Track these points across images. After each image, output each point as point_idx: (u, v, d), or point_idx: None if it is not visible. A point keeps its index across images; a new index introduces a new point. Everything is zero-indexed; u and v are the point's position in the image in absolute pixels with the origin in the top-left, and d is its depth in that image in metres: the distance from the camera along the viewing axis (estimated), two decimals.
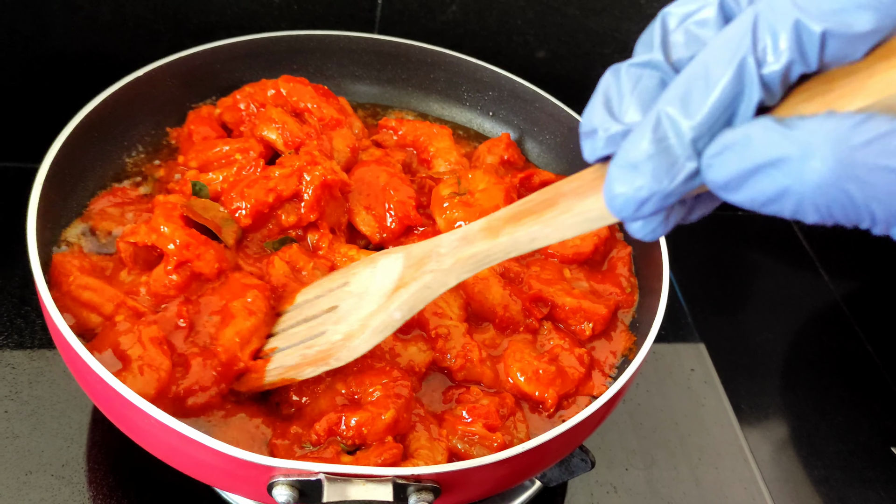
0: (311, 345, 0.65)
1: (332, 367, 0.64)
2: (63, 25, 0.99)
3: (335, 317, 0.65)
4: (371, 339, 0.63)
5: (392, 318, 0.62)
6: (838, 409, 1.10)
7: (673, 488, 0.92)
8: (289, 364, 0.66)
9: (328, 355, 0.64)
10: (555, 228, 0.51)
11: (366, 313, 0.63)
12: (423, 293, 0.60)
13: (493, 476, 0.63)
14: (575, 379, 0.75)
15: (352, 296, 0.65)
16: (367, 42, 1.00)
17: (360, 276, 0.66)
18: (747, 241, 1.37)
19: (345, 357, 0.64)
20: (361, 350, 0.63)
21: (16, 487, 0.76)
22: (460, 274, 0.58)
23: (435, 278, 0.59)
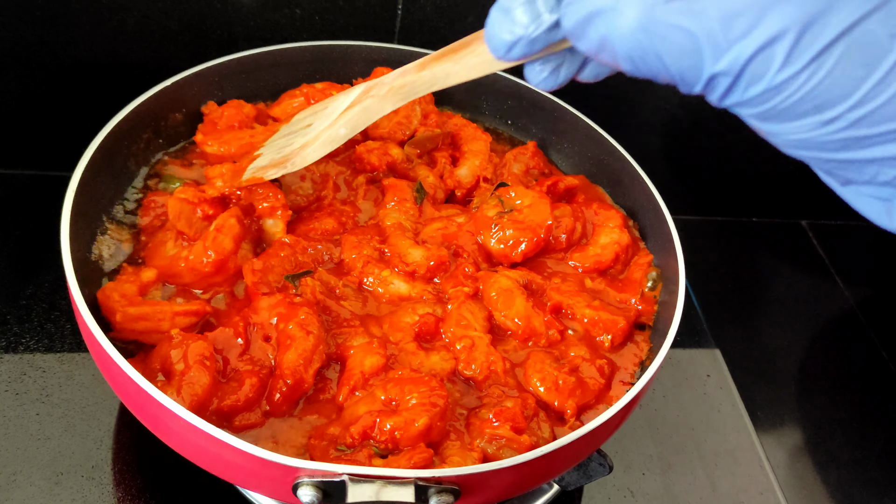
0: (280, 150, 0.77)
1: (288, 170, 0.75)
2: (90, 36, 1.01)
3: (305, 131, 0.77)
4: (320, 149, 0.73)
5: (338, 133, 0.72)
6: (853, 416, 1.11)
7: (689, 493, 0.93)
8: (259, 165, 0.77)
9: (286, 160, 0.75)
10: (463, 66, 0.59)
11: (321, 127, 0.74)
12: (364, 114, 0.70)
13: (512, 478, 0.64)
14: (595, 390, 0.76)
15: (323, 115, 0.76)
16: (389, 52, 1.01)
17: (337, 100, 0.76)
18: (762, 248, 1.37)
19: (299, 163, 0.74)
20: (311, 158, 0.73)
21: (47, 488, 0.78)
22: (394, 101, 0.68)
23: (373, 102, 0.69)
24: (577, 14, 0.42)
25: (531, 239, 0.83)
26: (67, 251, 0.68)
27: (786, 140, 0.42)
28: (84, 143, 0.77)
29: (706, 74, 0.39)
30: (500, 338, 0.79)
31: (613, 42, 0.41)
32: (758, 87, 0.39)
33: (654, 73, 0.41)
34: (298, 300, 0.74)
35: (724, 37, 0.38)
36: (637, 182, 0.92)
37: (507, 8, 0.46)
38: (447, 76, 0.61)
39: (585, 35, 0.43)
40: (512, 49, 0.47)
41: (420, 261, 0.81)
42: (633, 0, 0.39)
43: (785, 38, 0.37)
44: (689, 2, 0.38)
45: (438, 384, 0.70)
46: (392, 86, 0.67)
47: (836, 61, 0.37)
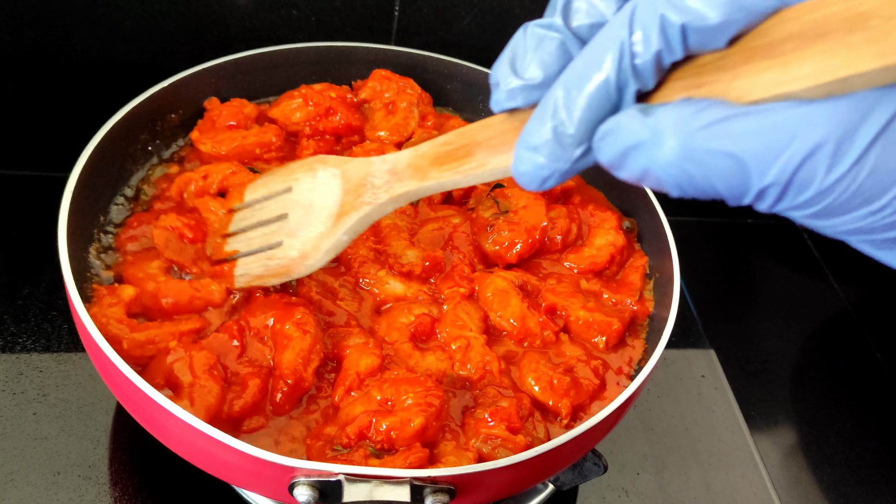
0: (272, 256, 0.73)
1: (291, 279, 0.74)
2: (86, 37, 1.02)
3: (287, 228, 0.73)
4: (323, 259, 0.71)
5: (340, 241, 0.70)
6: (847, 416, 1.11)
7: (683, 493, 0.94)
8: (255, 273, 0.74)
9: (289, 270, 0.72)
10: (472, 178, 0.58)
11: (316, 233, 0.71)
12: (364, 221, 0.69)
13: (507, 478, 0.64)
14: (589, 390, 0.76)
15: (298, 206, 0.73)
16: (385, 53, 1.02)
17: (301, 183, 0.73)
18: (757, 249, 1.38)
19: (302, 272, 0.72)
20: (315, 268, 0.72)
21: (45, 487, 0.78)
22: (395, 206, 0.67)
23: (374, 209, 0.67)
24: (613, 150, 0.43)
25: (526, 240, 0.83)
26: (65, 251, 0.68)
27: (838, 231, 0.44)
28: (81, 144, 0.78)
29: (755, 189, 0.41)
30: (495, 338, 0.80)
31: (657, 172, 0.42)
32: (807, 193, 0.40)
33: (703, 193, 0.42)
34: (294, 300, 0.75)
35: (768, 151, 0.39)
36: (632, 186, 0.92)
37: (533, 146, 0.46)
38: (454, 185, 0.60)
39: (625, 167, 0.44)
40: (545, 183, 0.47)
41: (415, 261, 0.81)
42: (672, 131, 0.41)
43: (825, 149, 0.39)
44: (727, 126, 0.40)
45: (434, 384, 0.71)
46: (391, 195, 0.65)
47: (877, 159, 0.39)
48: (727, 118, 0.40)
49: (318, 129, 0.92)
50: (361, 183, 0.68)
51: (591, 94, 0.43)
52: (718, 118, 0.40)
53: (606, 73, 0.42)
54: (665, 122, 0.41)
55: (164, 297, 0.73)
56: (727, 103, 0.40)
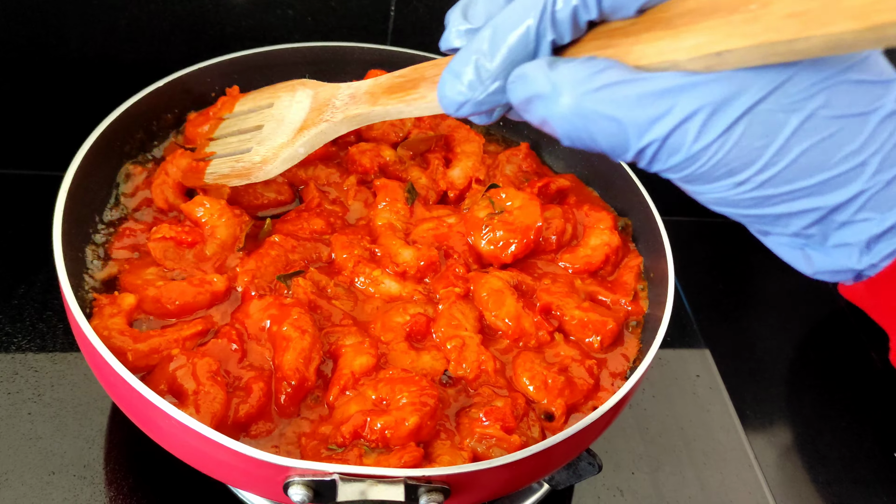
0: (239, 159, 0.79)
1: (251, 181, 0.78)
2: (81, 36, 1.02)
3: (259, 136, 0.79)
4: (280, 167, 0.76)
5: (297, 152, 0.75)
6: (842, 415, 1.12)
7: (678, 492, 0.94)
8: (222, 172, 0.80)
9: (249, 172, 0.78)
10: (415, 108, 0.63)
11: (278, 143, 0.77)
12: (320, 137, 0.75)
13: (501, 478, 0.65)
14: (584, 390, 0.76)
15: (273, 119, 0.79)
16: (381, 53, 1.02)
17: (282, 100, 0.80)
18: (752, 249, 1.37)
19: (261, 176, 0.77)
20: (272, 174, 0.77)
21: (39, 487, 0.78)
22: (348, 126, 0.73)
23: (329, 127, 0.73)
24: (520, 95, 0.48)
25: (521, 240, 0.83)
26: (60, 251, 0.68)
27: (707, 198, 0.49)
28: (76, 143, 0.78)
29: (633, 149, 0.46)
30: (490, 338, 0.80)
31: (551, 122, 0.47)
32: (677, 157, 0.45)
33: (588, 147, 0.48)
34: (289, 301, 0.75)
35: (645, 119, 0.44)
36: (627, 183, 0.92)
37: (457, 72, 0.51)
38: (399, 113, 0.66)
39: (529, 111, 0.49)
40: (460, 108, 0.52)
41: (410, 261, 0.81)
42: (568, 90, 0.46)
43: (696, 118, 0.43)
44: (614, 90, 0.45)
45: (429, 384, 0.71)
46: (346, 114, 0.71)
47: (741, 134, 0.44)
48: (616, 83, 0.45)
49: None
50: (326, 103, 0.75)
51: (513, 36, 0.48)
52: (609, 82, 0.45)
53: (528, 20, 0.47)
54: (564, 79, 0.46)
55: (169, 300, 0.73)
56: (621, 68, 0.45)
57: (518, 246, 0.83)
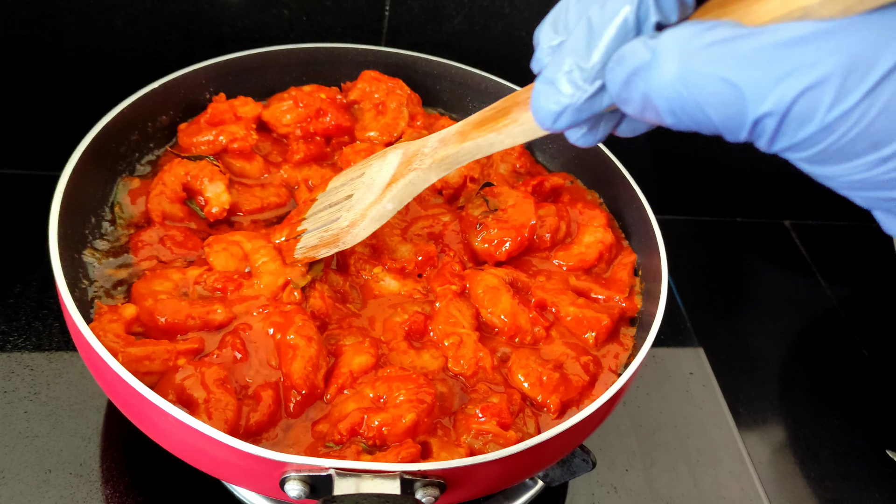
0: (328, 229, 0.76)
1: (340, 248, 0.75)
2: (77, 36, 1.02)
3: (349, 204, 0.76)
4: (369, 227, 0.73)
5: (385, 208, 0.72)
6: (834, 413, 1.12)
7: (672, 489, 0.94)
8: (310, 245, 0.77)
9: (337, 239, 0.75)
10: (507, 135, 0.59)
11: (367, 203, 0.73)
12: (409, 188, 0.70)
13: (496, 473, 0.65)
14: (579, 386, 0.77)
15: (363, 186, 0.76)
16: (376, 54, 1.02)
17: (372, 167, 0.77)
18: (746, 247, 1.39)
19: (349, 241, 0.74)
20: (362, 236, 0.74)
21: (36, 485, 0.78)
22: (438, 172, 0.69)
23: (418, 176, 0.69)
24: (620, 75, 0.42)
25: (515, 238, 0.84)
26: (56, 250, 0.68)
27: (844, 182, 0.40)
28: (71, 143, 0.78)
29: (750, 119, 0.38)
30: (487, 335, 0.80)
31: (654, 97, 0.40)
32: (808, 127, 0.37)
33: (698, 124, 0.40)
34: (290, 308, 0.75)
35: (767, 78, 0.37)
36: (621, 182, 0.93)
37: (551, 80, 0.46)
38: (491, 145, 0.61)
39: (630, 96, 0.42)
40: (558, 119, 0.47)
41: (408, 256, 0.82)
42: (671, 52, 0.39)
43: (833, 78, 0.36)
44: (726, 47, 0.37)
45: (426, 381, 0.71)
46: (434, 158, 0.67)
47: (890, 97, 0.36)
48: (730, 39, 0.38)
49: (309, 131, 0.93)
50: (415, 154, 0.71)
51: (611, 29, 0.42)
52: (720, 39, 0.38)
53: (626, 7, 0.41)
54: (666, 42, 0.39)
55: (161, 315, 0.72)
56: (736, 24, 0.38)
57: (512, 244, 0.84)
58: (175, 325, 0.72)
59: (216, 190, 0.84)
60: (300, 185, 0.89)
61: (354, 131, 0.95)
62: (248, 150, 0.89)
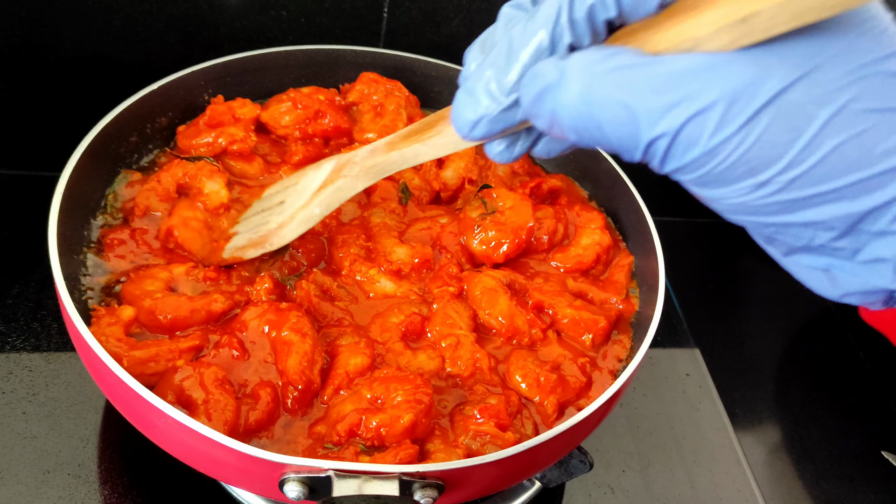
0: (257, 231, 0.79)
1: (267, 250, 0.77)
2: (75, 37, 1.02)
3: (280, 209, 0.79)
4: (296, 229, 0.76)
5: (312, 212, 0.75)
6: (830, 414, 1.13)
7: (668, 490, 0.95)
8: (238, 245, 0.79)
9: (265, 239, 0.77)
10: (431, 147, 0.61)
11: (296, 207, 0.76)
12: (337, 194, 0.73)
13: (494, 474, 0.65)
14: (576, 388, 0.77)
15: (296, 192, 0.78)
16: (374, 56, 1.02)
17: (307, 176, 0.78)
18: (742, 249, 1.39)
19: (276, 242, 0.77)
20: (288, 238, 0.76)
21: (34, 486, 0.78)
22: (366, 181, 0.71)
23: (346, 182, 0.72)
24: (532, 91, 0.44)
25: (513, 240, 0.84)
26: (55, 251, 0.69)
27: (725, 205, 0.44)
28: (70, 144, 0.78)
29: (644, 141, 0.41)
30: (484, 337, 0.81)
31: (559, 114, 0.43)
32: (693, 151, 0.40)
33: (597, 142, 0.44)
34: (285, 305, 0.75)
35: (658, 105, 0.40)
36: (619, 184, 0.93)
37: (471, 90, 0.48)
38: (416, 156, 0.64)
39: (539, 112, 0.45)
40: (474, 128, 0.49)
41: (405, 259, 0.82)
42: (576, 74, 0.42)
43: (716, 107, 0.39)
44: (625, 74, 0.41)
45: (423, 382, 0.71)
46: (363, 167, 0.70)
47: (766, 127, 0.39)
48: (628, 66, 0.41)
49: (308, 133, 0.93)
50: (346, 163, 0.73)
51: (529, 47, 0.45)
52: (620, 65, 0.41)
53: (543, 29, 0.44)
54: (573, 64, 0.42)
55: (162, 313, 0.72)
56: (636, 52, 0.41)
57: (510, 246, 0.84)
58: (179, 321, 0.73)
59: (214, 186, 0.84)
60: None
61: (353, 133, 0.96)
62: (247, 152, 0.89)
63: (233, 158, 0.88)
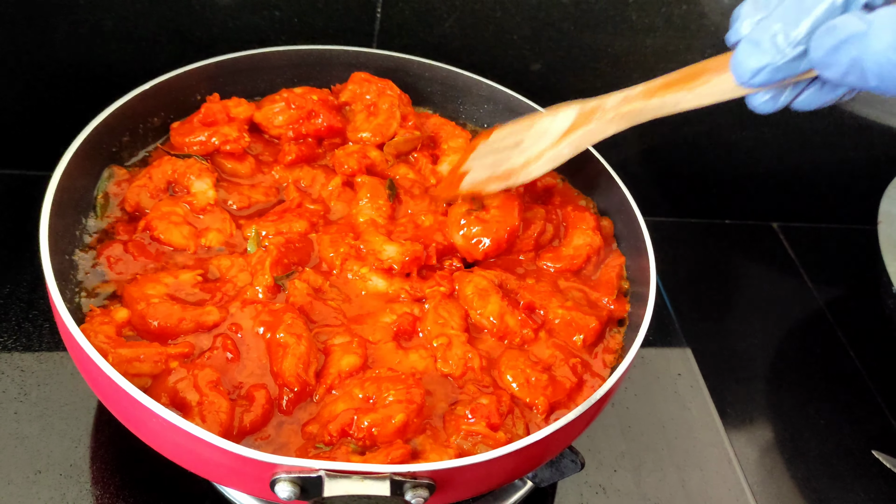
0: (497, 167, 0.81)
1: (510, 184, 0.81)
2: (67, 37, 1.02)
3: (519, 149, 0.80)
4: (544, 166, 0.78)
5: (561, 152, 0.77)
6: (821, 413, 1.13)
7: (660, 489, 0.95)
8: (478, 179, 0.83)
9: (510, 174, 0.80)
10: (696, 95, 0.63)
11: (542, 147, 0.78)
12: (587, 136, 0.75)
13: (485, 474, 0.65)
14: (567, 388, 0.77)
15: (534, 134, 0.80)
16: (367, 56, 1.02)
17: (543, 121, 0.80)
18: (734, 249, 1.40)
19: (522, 178, 0.79)
20: (535, 174, 0.79)
21: (26, 486, 0.78)
22: (618, 126, 0.72)
23: (598, 126, 0.73)
24: (828, 42, 0.49)
25: (494, 239, 0.84)
26: (46, 251, 0.68)
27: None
28: (60, 144, 0.78)
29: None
30: (476, 336, 0.81)
31: (866, 62, 0.48)
32: None
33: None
34: (279, 306, 0.75)
35: None
36: (611, 184, 0.94)
37: (756, 41, 0.53)
38: (676, 103, 0.65)
39: (834, 61, 0.50)
40: (756, 75, 0.54)
41: (395, 256, 0.82)
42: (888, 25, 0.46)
43: None
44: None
45: (415, 382, 0.72)
46: (618, 112, 0.71)
47: None
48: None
49: (301, 132, 0.93)
50: (595, 109, 0.74)
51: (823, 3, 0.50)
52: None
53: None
54: (883, 17, 0.47)
55: (152, 319, 0.72)
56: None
57: (491, 244, 0.84)
58: (168, 329, 0.73)
59: (202, 186, 0.84)
60: (289, 184, 0.90)
61: (346, 133, 0.96)
62: (240, 152, 0.89)
63: (224, 157, 0.89)
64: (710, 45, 1.15)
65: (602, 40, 1.15)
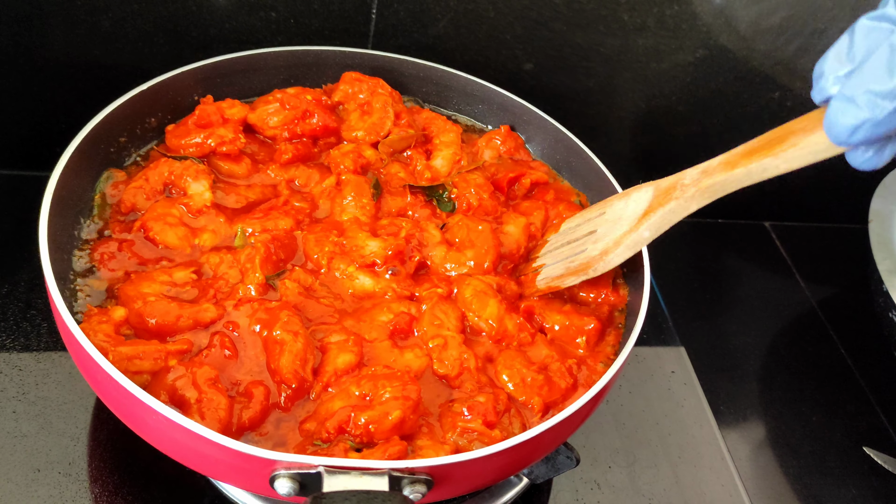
0: (573, 260, 0.79)
1: (589, 276, 0.78)
2: (64, 37, 1.02)
3: (594, 238, 0.79)
4: (623, 254, 0.75)
5: (641, 236, 0.74)
6: (813, 410, 1.14)
7: (654, 485, 0.96)
8: (554, 275, 0.80)
9: (588, 266, 0.77)
10: (784, 160, 0.60)
11: (620, 233, 0.75)
12: (668, 216, 0.72)
13: (482, 470, 0.66)
14: (562, 389, 0.78)
15: (607, 222, 0.78)
16: (362, 57, 1.03)
17: (615, 206, 0.79)
18: (727, 248, 1.41)
19: (601, 268, 0.77)
20: (615, 262, 0.76)
21: (25, 485, 0.79)
22: (700, 201, 0.69)
23: (679, 204, 0.70)
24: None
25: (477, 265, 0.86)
26: (46, 251, 0.69)
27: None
28: (58, 144, 0.78)
29: None
30: (472, 339, 0.81)
31: None
32: None
33: None
34: (275, 304, 0.76)
35: None
36: (604, 183, 0.94)
37: (850, 97, 0.50)
38: (764, 170, 0.63)
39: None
40: (855, 133, 0.51)
41: (378, 251, 0.82)
42: None
43: None
44: None
45: (411, 379, 0.72)
46: (698, 188, 0.69)
47: None
48: None
49: (296, 133, 0.93)
50: (672, 187, 0.72)
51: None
52: None
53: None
54: None
55: (150, 317, 0.73)
56: None
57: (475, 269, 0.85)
58: (165, 327, 0.73)
59: (199, 188, 0.84)
60: (281, 181, 0.90)
61: (341, 132, 0.96)
62: (236, 153, 0.89)
63: (221, 159, 0.89)
64: (701, 45, 1.16)
65: (594, 40, 1.16)
